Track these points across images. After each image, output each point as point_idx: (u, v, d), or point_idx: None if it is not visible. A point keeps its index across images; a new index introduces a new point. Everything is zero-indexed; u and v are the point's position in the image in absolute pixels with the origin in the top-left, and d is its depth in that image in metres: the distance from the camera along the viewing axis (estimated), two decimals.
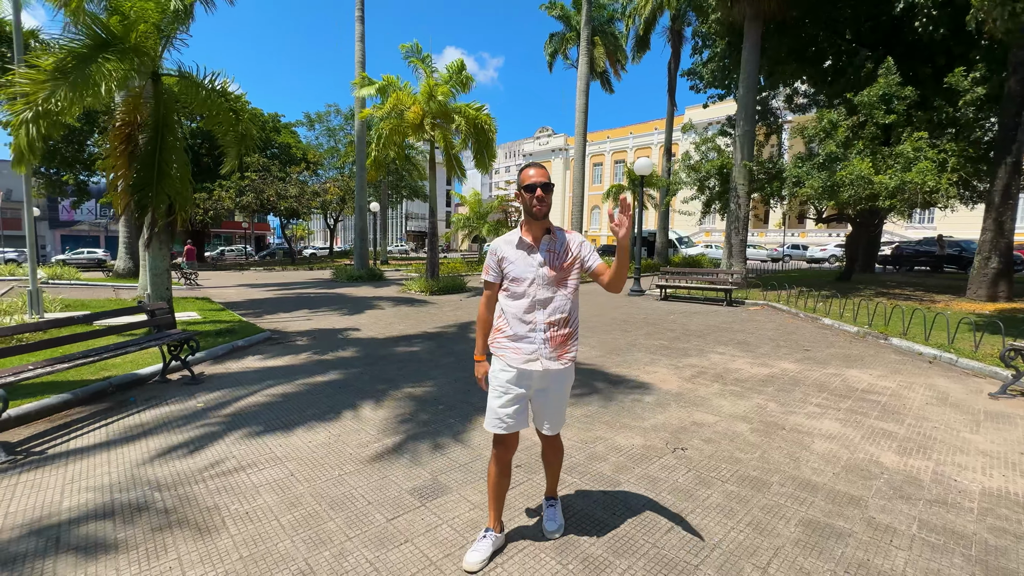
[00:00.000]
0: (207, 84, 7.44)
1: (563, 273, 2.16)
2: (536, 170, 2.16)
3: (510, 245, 2.20)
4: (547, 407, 2.26)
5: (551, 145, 59.67)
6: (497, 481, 2.31)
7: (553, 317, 2.15)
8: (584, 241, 2.23)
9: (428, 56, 14.67)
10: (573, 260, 2.18)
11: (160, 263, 7.07)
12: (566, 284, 2.18)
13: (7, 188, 49.48)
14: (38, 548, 2.35)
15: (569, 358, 2.21)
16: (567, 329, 2.19)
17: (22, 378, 3.75)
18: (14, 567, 2.22)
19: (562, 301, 2.16)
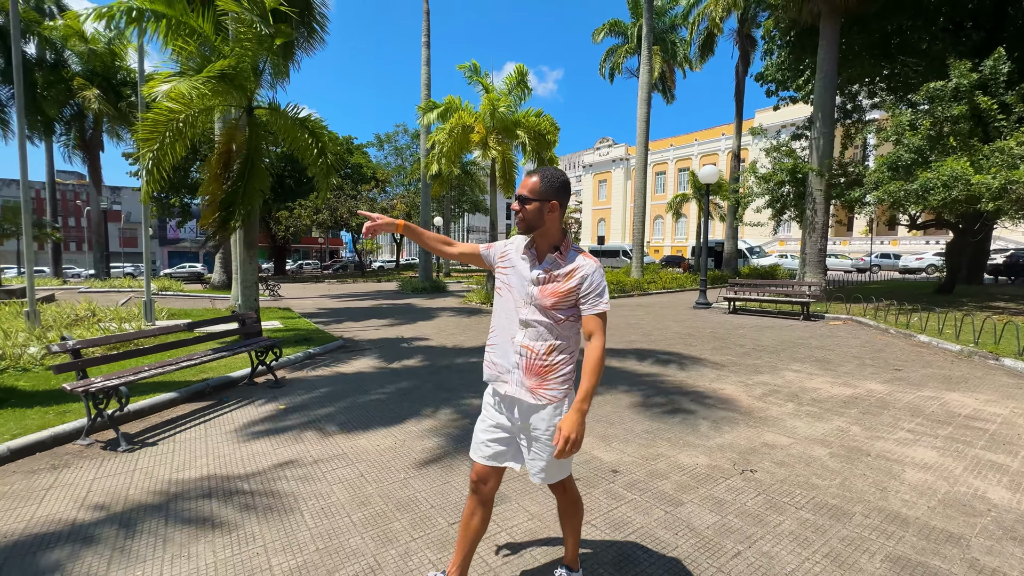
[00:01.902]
0: (291, 115, 8.21)
1: (552, 300, 1.81)
2: (524, 179, 1.87)
3: (520, 246, 1.95)
4: (532, 450, 1.91)
5: (611, 155, 59.00)
6: (466, 520, 1.99)
7: (532, 343, 1.84)
8: (590, 276, 1.81)
9: (487, 73, 15.18)
10: (567, 292, 1.81)
11: (250, 276, 7.80)
12: (558, 314, 1.83)
13: (127, 211, 56.72)
14: (152, 519, 2.69)
15: (549, 396, 1.84)
16: (547, 361, 1.84)
17: (140, 378, 4.30)
18: (133, 531, 2.55)
19: (547, 329, 1.83)
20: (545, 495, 3.00)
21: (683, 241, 48.88)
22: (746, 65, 22.81)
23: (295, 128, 7.88)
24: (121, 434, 3.85)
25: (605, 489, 3.08)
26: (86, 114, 21.64)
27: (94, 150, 23.25)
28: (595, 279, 1.82)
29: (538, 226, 1.85)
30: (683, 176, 49.61)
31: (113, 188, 57.26)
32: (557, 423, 1.82)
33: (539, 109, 15.04)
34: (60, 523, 2.72)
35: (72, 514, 2.81)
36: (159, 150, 6.44)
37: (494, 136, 13.72)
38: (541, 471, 1.90)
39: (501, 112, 13.91)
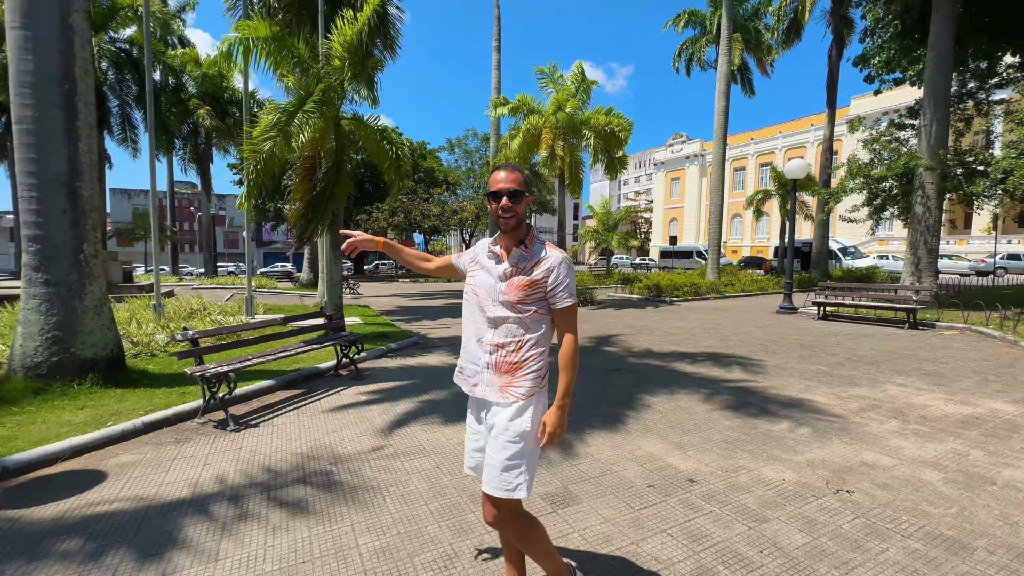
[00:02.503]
0: (372, 125, 8.74)
1: (519, 294, 1.76)
2: (506, 173, 1.79)
3: (485, 248, 1.92)
4: (488, 451, 1.81)
5: (685, 152, 56.48)
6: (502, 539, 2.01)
7: (502, 340, 1.79)
8: (556, 268, 1.76)
9: (560, 75, 15.15)
10: (532, 284, 1.76)
11: (335, 275, 8.40)
12: (525, 308, 1.77)
13: (230, 216, 63.17)
14: (256, 493, 2.99)
15: (517, 394, 1.77)
16: (517, 357, 1.78)
17: (244, 366, 4.79)
18: (241, 503, 2.85)
19: (515, 324, 1.78)
20: (618, 498, 2.95)
21: (764, 241, 45.68)
22: (840, 49, 20.85)
23: (375, 137, 8.37)
24: (229, 415, 4.32)
25: (681, 499, 2.97)
26: (199, 131, 24.42)
27: (205, 162, 26.18)
28: (561, 272, 1.77)
29: (524, 220, 1.83)
30: (765, 171, 46.39)
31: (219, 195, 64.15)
32: (518, 425, 1.75)
33: (609, 107, 14.77)
34: (183, 490, 3.10)
35: (192, 483, 3.20)
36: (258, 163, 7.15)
37: (561, 140, 13.66)
38: (489, 473, 1.76)
39: (568, 112, 13.84)
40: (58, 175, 4.67)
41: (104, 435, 3.80)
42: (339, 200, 7.82)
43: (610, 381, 5.82)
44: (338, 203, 7.82)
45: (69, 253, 4.77)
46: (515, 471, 1.74)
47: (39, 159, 4.60)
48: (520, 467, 1.74)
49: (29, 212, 4.66)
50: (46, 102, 4.59)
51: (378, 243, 2.09)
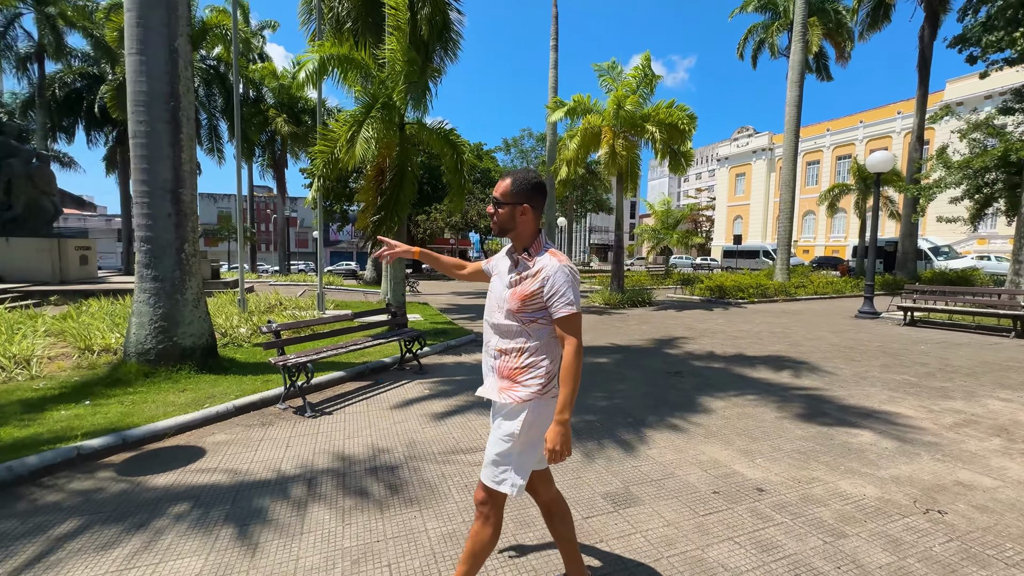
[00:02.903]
0: (434, 128, 9.06)
1: (518, 303, 1.77)
2: (500, 182, 1.86)
3: (502, 254, 1.98)
4: (488, 442, 1.88)
5: (752, 146, 53.48)
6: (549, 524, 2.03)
7: (504, 345, 1.83)
8: (552, 277, 1.72)
9: (620, 70, 14.86)
10: (531, 295, 1.75)
11: (398, 274, 8.79)
12: (525, 317, 1.78)
13: (300, 217, 67.44)
14: (332, 475, 3.22)
15: (514, 397, 1.78)
16: (520, 361, 1.80)
17: (319, 357, 5.14)
18: (318, 483, 3.09)
19: (517, 333, 1.80)
20: (681, 503, 2.91)
21: (840, 240, 42.36)
22: (933, 28, 18.92)
23: (437, 140, 8.66)
24: (307, 403, 4.66)
25: (749, 507, 2.87)
26: (276, 138, 26.29)
27: (280, 168, 28.14)
28: (557, 280, 1.72)
29: (510, 229, 1.84)
30: (843, 164, 43.03)
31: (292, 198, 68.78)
32: (510, 426, 1.78)
33: (671, 100, 14.28)
34: (269, 469, 3.40)
35: (277, 462, 3.50)
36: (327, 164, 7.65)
37: (621, 138, 13.41)
38: (485, 464, 1.84)
39: (628, 110, 13.55)
40: (165, 183, 5.25)
41: (202, 416, 4.24)
42: (405, 204, 8.18)
43: (671, 384, 5.68)
44: (404, 207, 8.19)
45: (173, 252, 5.35)
46: (501, 467, 1.79)
47: (149, 168, 5.19)
48: (506, 465, 1.79)
49: (141, 216, 5.28)
50: (156, 118, 5.17)
51: (414, 252, 2.18)
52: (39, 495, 2.98)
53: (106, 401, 4.48)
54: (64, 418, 4.04)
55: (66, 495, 2.98)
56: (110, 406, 4.35)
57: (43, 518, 2.72)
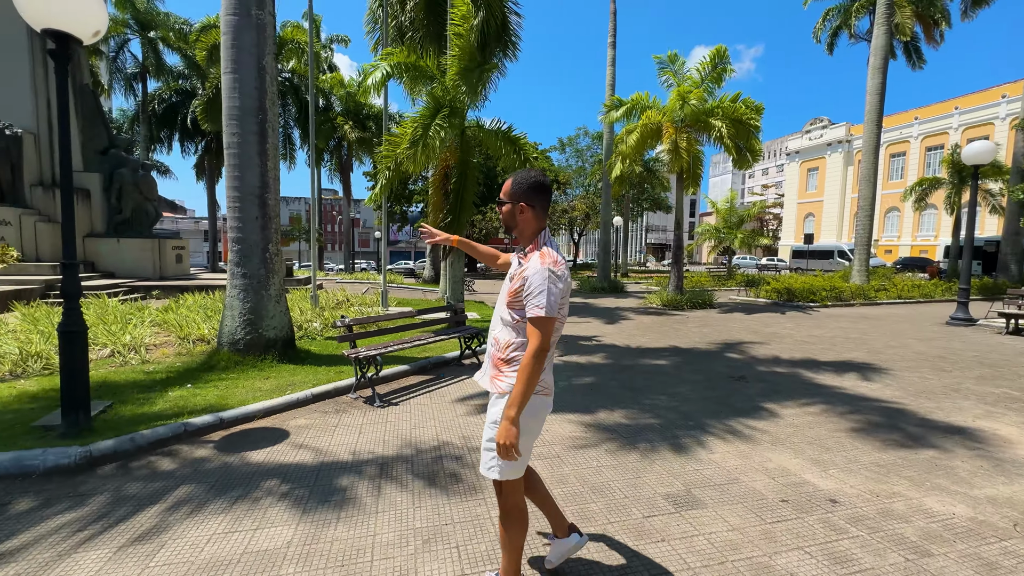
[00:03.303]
0: (493, 129, 9.26)
1: (509, 299, 1.88)
2: (507, 181, 1.96)
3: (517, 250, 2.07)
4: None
5: (826, 138, 49.81)
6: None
7: (500, 336, 1.92)
8: (530, 277, 1.77)
9: (682, 62, 14.42)
10: (515, 292, 1.84)
11: (458, 272, 9.07)
12: (514, 313, 1.86)
13: (363, 218, 70.74)
14: (401, 462, 3.44)
15: (500, 387, 1.87)
16: (506, 355, 1.88)
17: (387, 351, 5.46)
18: (389, 469, 3.31)
19: (509, 326, 1.89)
20: (747, 508, 2.85)
21: (929, 239, 38.56)
22: None
23: (497, 140, 8.85)
24: (376, 393, 4.97)
25: (821, 518, 2.77)
26: (343, 144, 27.79)
27: (346, 172, 29.72)
28: (533, 281, 1.75)
29: (512, 226, 1.94)
30: (933, 156, 39.13)
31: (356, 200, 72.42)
32: (495, 413, 1.88)
33: (737, 93, 13.64)
34: (345, 452, 3.68)
35: (351, 447, 3.77)
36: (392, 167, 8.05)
37: (684, 132, 13.00)
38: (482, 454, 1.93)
39: (692, 104, 13.10)
40: (253, 188, 5.78)
41: (284, 401, 4.64)
42: (469, 205, 8.46)
43: (734, 388, 5.50)
44: (468, 208, 8.47)
45: (259, 252, 5.88)
46: (490, 453, 1.88)
47: (241, 176, 5.73)
48: (494, 452, 1.84)
49: (233, 219, 5.83)
50: (247, 130, 5.70)
51: (453, 240, 2.37)
52: (156, 463, 3.42)
53: (204, 385, 5.01)
54: (171, 398, 4.57)
55: (178, 465, 3.40)
56: (208, 389, 4.86)
57: (161, 483, 3.12)
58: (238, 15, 5.56)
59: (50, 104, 13.09)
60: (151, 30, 23.00)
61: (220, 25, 5.74)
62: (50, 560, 2.34)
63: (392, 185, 8.12)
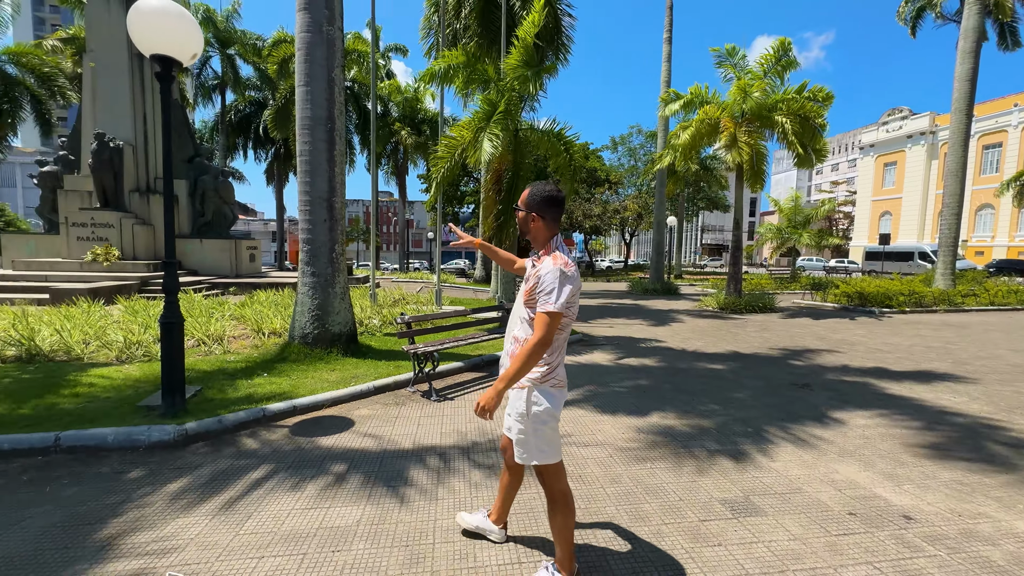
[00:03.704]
0: (545, 129, 9.35)
1: (526, 298, 2.04)
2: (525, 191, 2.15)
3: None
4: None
5: (906, 129, 45.83)
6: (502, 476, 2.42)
7: (519, 335, 2.08)
8: (543, 276, 1.94)
9: (743, 55, 13.84)
10: (530, 291, 2.01)
11: (509, 273, 9.21)
12: (531, 311, 2.02)
13: (416, 219, 72.90)
14: (457, 453, 3.59)
15: (522, 381, 2.02)
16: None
17: (443, 348, 5.67)
18: (447, 459, 3.47)
19: (527, 324, 2.05)
20: (810, 519, 2.76)
21: None
22: None
23: (549, 140, 8.92)
24: (432, 388, 5.19)
25: (893, 533, 2.63)
26: (399, 148, 28.84)
27: (402, 175, 30.81)
28: (546, 280, 1.93)
29: (526, 232, 2.13)
30: None
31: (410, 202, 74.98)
32: (516, 406, 2.06)
33: (803, 82, 12.84)
34: (406, 442, 3.88)
35: (411, 437, 3.98)
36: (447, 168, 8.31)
37: (744, 128, 12.47)
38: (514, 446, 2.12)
39: (754, 98, 12.53)
40: (322, 192, 6.19)
41: (349, 392, 4.94)
42: None
43: (797, 396, 5.26)
44: None
45: (327, 252, 6.28)
46: (520, 448, 2.09)
47: (311, 182, 6.15)
48: (522, 440, 2.07)
49: (304, 221, 6.27)
50: (317, 138, 6.11)
51: (475, 243, 2.55)
52: (240, 443, 3.77)
53: (278, 375, 5.43)
54: (250, 385, 4.99)
55: (259, 445, 3.73)
56: (281, 379, 5.27)
57: (245, 461, 3.45)
58: (311, 32, 5.98)
59: (146, 119, 14.54)
60: (229, 47, 24.93)
61: (295, 42, 6.18)
62: (159, 522, 2.67)
63: (447, 183, 8.40)
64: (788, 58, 12.74)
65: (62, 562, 2.32)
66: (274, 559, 2.36)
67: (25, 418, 3.94)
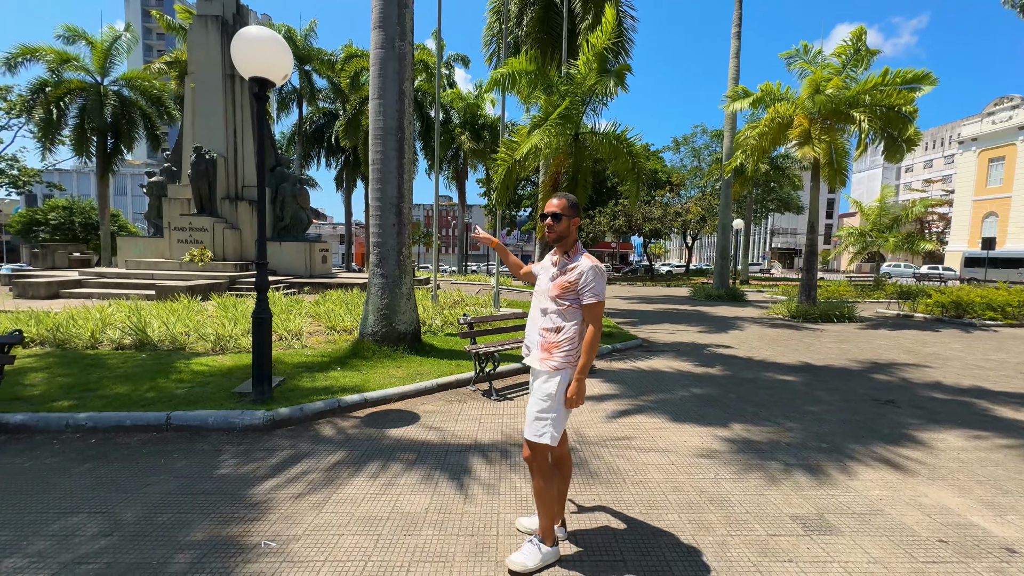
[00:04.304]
0: (606, 132, 9.28)
1: (558, 290, 2.30)
2: (555, 200, 2.39)
3: (548, 258, 2.48)
4: (528, 405, 2.38)
5: (1017, 120, 40.59)
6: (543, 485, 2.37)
7: (546, 325, 2.34)
8: (585, 273, 2.27)
9: (817, 51, 13.01)
10: (569, 284, 2.29)
11: None
12: (563, 301, 2.30)
13: (474, 223, 74.52)
14: (516, 451, 3.68)
15: (551, 365, 2.29)
16: (556, 338, 2.31)
17: (502, 349, 5.81)
18: (509, 456, 3.57)
19: (556, 315, 2.32)
20: (893, 543, 2.59)
21: None
22: None
23: (611, 145, 8.85)
24: (492, 387, 5.33)
25: (992, 566, 2.42)
26: (459, 153, 29.65)
27: (461, 180, 31.62)
28: (588, 276, 2.26)
29: (564, 235, 2.37)
30: None
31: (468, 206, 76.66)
32: (547, 388, 2.29)
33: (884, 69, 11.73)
34: (467, 437, 4.04)
35: (473, 433, 4.13)
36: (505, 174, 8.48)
37: (819, 125, 11.69)
38: (528, 423, 2.34)
39: (829, 94, 11.71)
40: (392, 199, 6.55)
41: (414, 388, 5.20)
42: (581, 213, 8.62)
43: (881, 413, 4.89)
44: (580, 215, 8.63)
45: (395, 255, 6.63)
46: (542, 422, 2.29)
47: (382, 188, 6.54)
48: (546, 420, 2.29)
49: (374, 225, 6.67)
50: (388, 148, 6.48)
51: (493, 242, 2.75)
52: (319, 430, 4.10)
53: (350, 369, 5.81)
54: (326, 378, 5.39)
55: (334, 433, 4.04)
56: (353, 373, 5.63)
57: (324, 446, 3.75)
58: (384, 48, 6.36)
59: (236, 132, 15.99)
60: (308, 63, 26.80)
61: (370, 57, 6.59)
62: (252, 496, 2.98)
63: (506, 188, 8.57)
64: (864, 48, 11.80)
65: (177, 525, 2.66)
66: (352, 537, 2.57)
67: (143, 398, 4.52)
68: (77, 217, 29.21)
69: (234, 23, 15.88)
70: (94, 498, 2.92)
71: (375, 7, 6.38)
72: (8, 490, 3.00)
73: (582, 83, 8.12)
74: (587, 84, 8.13)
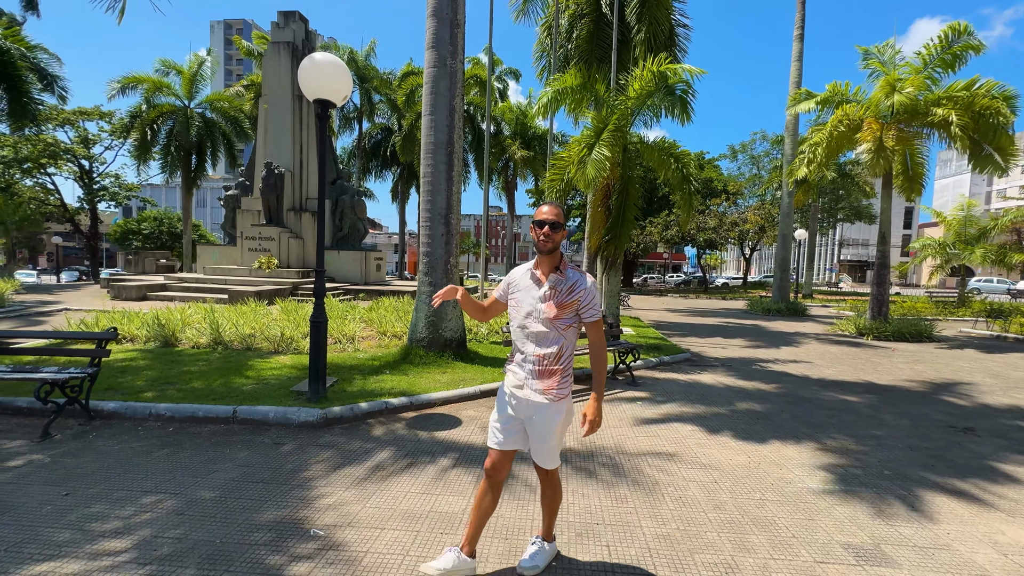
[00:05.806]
0: (656, 143, 9.15)
1: (559, 312, 2.13)
2: (549, 208, 2.16)
3: (523, 273, 2.27)
4: (532, 437, 2.25)
5: None
6: (479, 499, 2.29)
7: (542, 351, 2.16)
8: (588, 290, 2.16)
9: (898, 50, 12.16)
10: (571, 305, 2.15)
11: (614, 287, 9.15)
12: (561, 323, 2.15)
13: (523, 233, 74.90)
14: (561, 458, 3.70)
15: (554, 393, 2.16)
16: (556, 365, 2.17)
17: None
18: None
19: (554, 338, 2.16)
20: (948, 570, 2.39)
21: None
22: None
23: (662, 156, 8.72)
24: None
25: None
26: (509, 164, 30.10)
27: (511, 190, 32.04)
28: (591, 292, 2.18)
29: (558, 247, 2.19)
30: None
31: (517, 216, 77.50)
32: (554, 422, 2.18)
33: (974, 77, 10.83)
34: None
35: None
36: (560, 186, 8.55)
37: (894, 130, 10.92)
38: (538, 454, 2.26)
39: (907, 94, 10.91)
40: (441, 210, 6.81)
41: (458, 394, 5.35)
42: (630, 221, 8.55)
43: (956, 441, 4.49)
44: (630, 225, 8.56)
45: (443, 264, 6.87)
46: (557, 450, 2.29)
47: (432, 200, 6.81)
48: (559, 447, 2.29)
49: (424, 235, 6.94)
50: (438, 161, 6.76)
51: (454, 293, 2.28)
52: (368, 430, 4.32)
53: (398, 373, 6.06)
54: (376, 380, 5.65)
55: (383, 433, 4.24)
56: (401, 377, 5.87)
57: (372, 445, 3.95)
58: (436, 67, 6.67)
59: (302, 149, 17.16)
60: (367, 82, 28.32)
61: (423, 75, 6.93)
62: (305, 487, 3.20)
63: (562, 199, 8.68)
64: (962, 42, 10.88)
65: (239, 509, 2.90)
66: (393, 532, 2.70)
67: (214, 392, 4.95)
68: (165, 227, 32.30)
69: (303, 48, 17.12)
70: (170, 480, 3.24)
71: (429, 28, 6.71)
72: (102, 468, 3.40)
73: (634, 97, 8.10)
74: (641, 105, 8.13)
